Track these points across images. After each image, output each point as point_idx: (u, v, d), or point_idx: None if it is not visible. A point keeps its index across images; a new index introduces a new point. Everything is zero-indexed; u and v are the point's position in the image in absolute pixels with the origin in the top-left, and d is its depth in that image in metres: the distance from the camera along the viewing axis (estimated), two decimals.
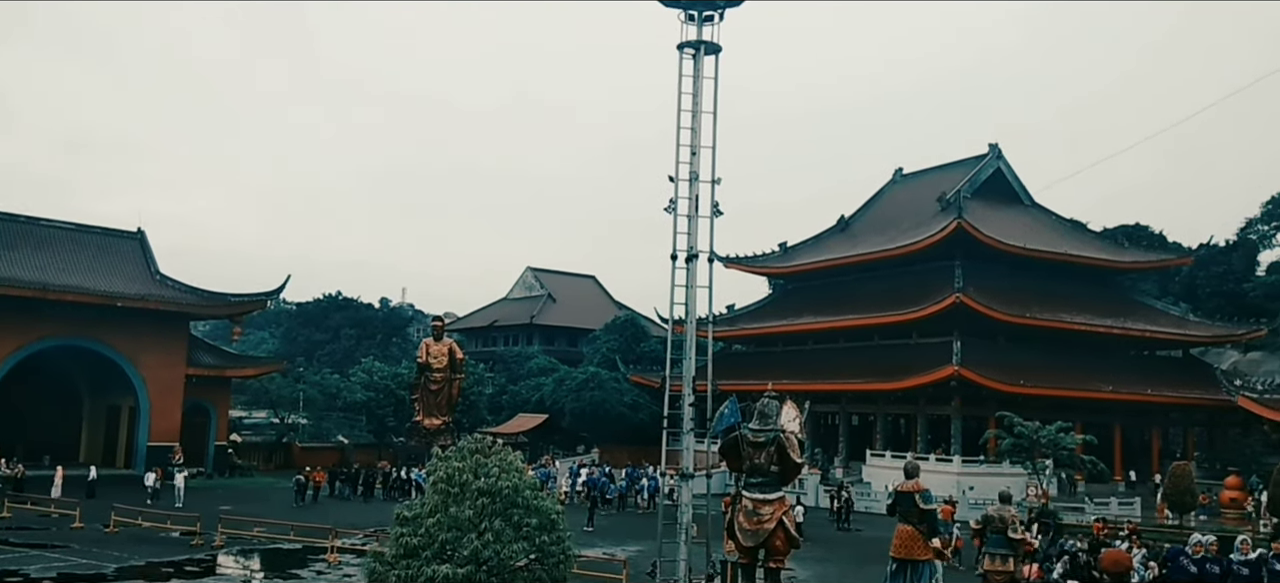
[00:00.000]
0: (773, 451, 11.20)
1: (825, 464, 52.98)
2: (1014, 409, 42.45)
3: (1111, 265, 58.48)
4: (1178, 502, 36.72)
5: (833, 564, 25.39)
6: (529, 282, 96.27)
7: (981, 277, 51.19)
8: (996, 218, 56.47)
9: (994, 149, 62.63)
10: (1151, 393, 50.83)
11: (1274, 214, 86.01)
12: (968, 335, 48.51)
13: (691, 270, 18.05)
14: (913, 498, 13.55)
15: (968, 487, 40.62)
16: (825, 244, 65.32)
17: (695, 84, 18.49)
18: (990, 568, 14.70)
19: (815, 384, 53.57)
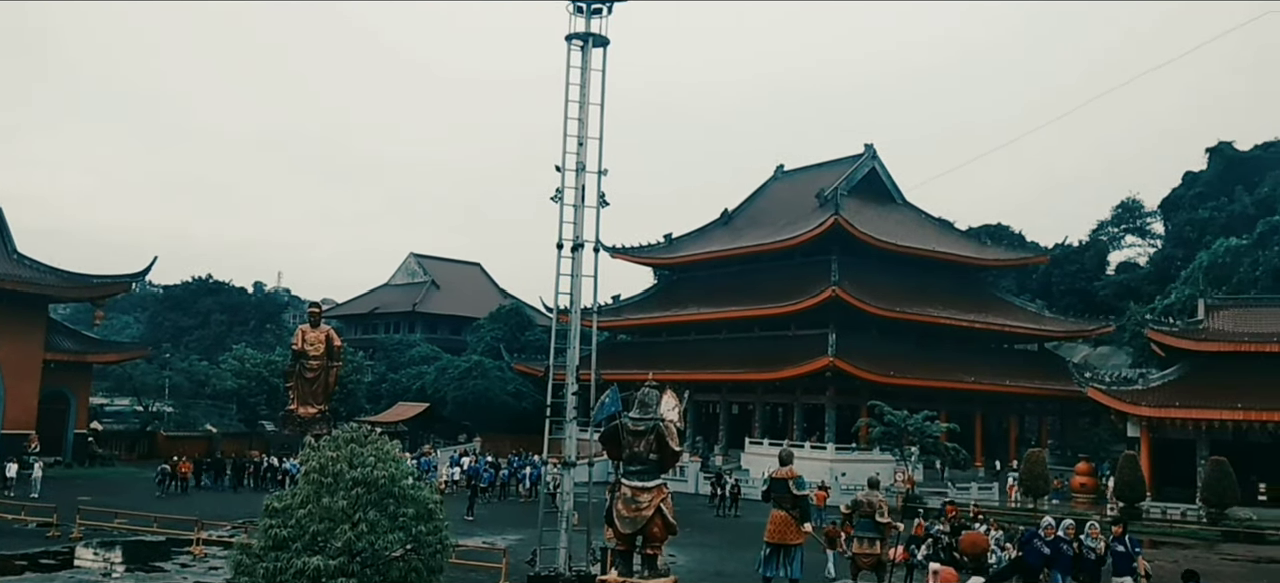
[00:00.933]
0: (652, 439, 11.46)
1: (705, 452, 53.98)
2: (885, 398, 44.26)
3: (976, 263, 61.42)
4: (1032, 487, 39.03)
5: (711, 549, 25.97)
6: (412, 268, 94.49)
7: (856, 271, 53.01)
8: (871, 215, 58.56)
9: (869, 150, 64.85)
10: (1010, 384, 53.69)
11: (1122, 218, 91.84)
12: (842, 328, 50.18)
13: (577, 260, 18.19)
14: (787, 484, 14.06)
15: (840, 473, 42.06)
16: (709, 237, 66.43)
17: (583, 76, 18.61)
18: (859, 551, 15.33)
19: (698, 374, 54.51)
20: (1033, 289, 72.68)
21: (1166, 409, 41.47)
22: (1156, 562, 23.72)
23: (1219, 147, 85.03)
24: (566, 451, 17.64)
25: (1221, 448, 39.34)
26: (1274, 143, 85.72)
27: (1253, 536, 33.97)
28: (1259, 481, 39.16)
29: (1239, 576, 25.20)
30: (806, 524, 14.23)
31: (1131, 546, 16.66)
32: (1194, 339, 43.95)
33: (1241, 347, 42.39)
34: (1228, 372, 41.78)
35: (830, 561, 18.84)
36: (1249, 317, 45.36)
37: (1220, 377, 41.74)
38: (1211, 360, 42.84)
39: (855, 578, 15.23)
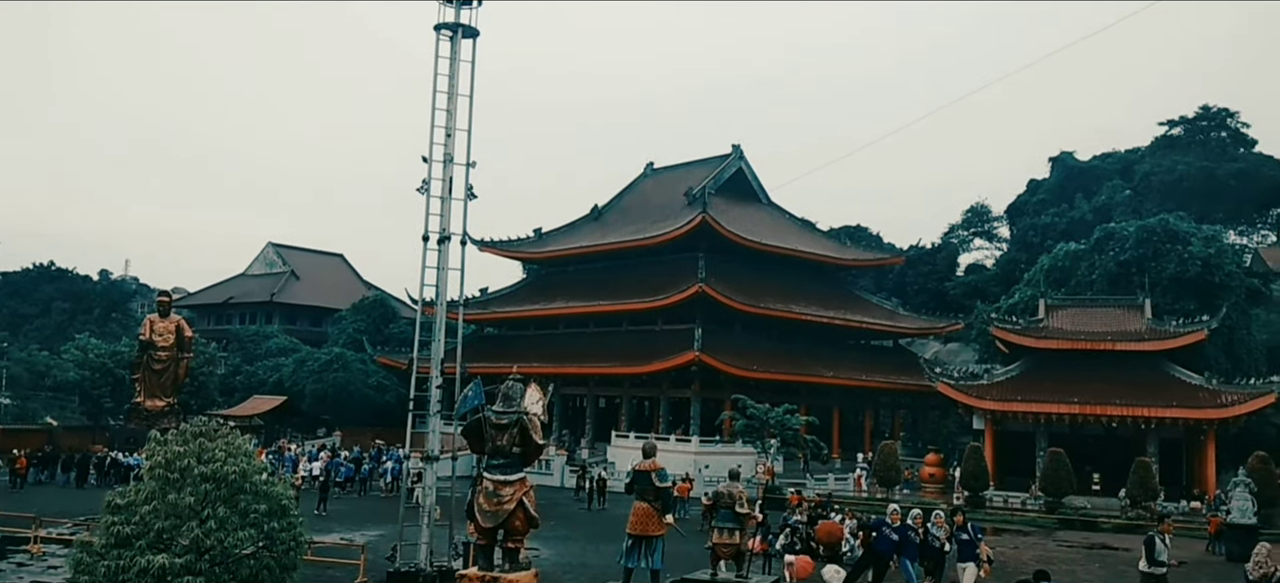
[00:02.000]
0: (516, 432, 11.40)
1: (572, 446, 54.07)
2: (748, 392, 45.30)
3: (836, 262, 63.55)
4: (885, 477, 40.73)
5: (575, 542, 26.04)
6: (270, 258, 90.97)
7: (723, 268, 54.05)
8: (737, 214, 59.81)
9: (737, 150, 66.18)
10: (867, 379, 55.80)
11: (972, 222, 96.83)
12: (709, 323, 51.09)
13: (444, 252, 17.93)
14: (650, 477, 14.22)
15: (704, 465, 42.82)
16: (579, 232, 66.48)
17: (452, 66, 18.33)
18: (718, 541, 15.60)
19: (566, 367, 54.49)
20: (889, 288, 75.71)
21: (1009, 404, 43.83)
22: (998, 548, 25.13)
23: (1061, 156, 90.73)
24: (429, 445, 17.38)
25: (1059, 440, 41.87)
26: (1110, 154, 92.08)
27: (1087, 523, 36.29)
28: (1093, 471, 41.62)
29: (1073, 561, 26.79)
30: (668, 516, 14.42)
31: (974, 533, 17.60)
32: (1035, 337, 46.63)
33: (1078, 345, 45.22)
34: (1065, 368, 44.47)
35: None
36: (1085, 317, 48.45)
37: (1058, 373, 44.40)
38: (1051, 358, 45.52)
39: (715, 568, 15.53)
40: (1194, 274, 53.03)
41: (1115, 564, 25.90)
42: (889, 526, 16.28)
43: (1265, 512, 31.83)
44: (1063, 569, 24.38)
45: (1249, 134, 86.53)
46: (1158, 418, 41.72)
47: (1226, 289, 52.82)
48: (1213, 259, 54.55)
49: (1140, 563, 16.43)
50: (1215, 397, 41.69)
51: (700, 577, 15.63)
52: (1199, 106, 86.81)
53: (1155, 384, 43.09)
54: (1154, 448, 42.15)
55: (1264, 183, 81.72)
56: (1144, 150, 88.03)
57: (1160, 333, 45.12)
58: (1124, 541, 31.38)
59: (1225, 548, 28.09)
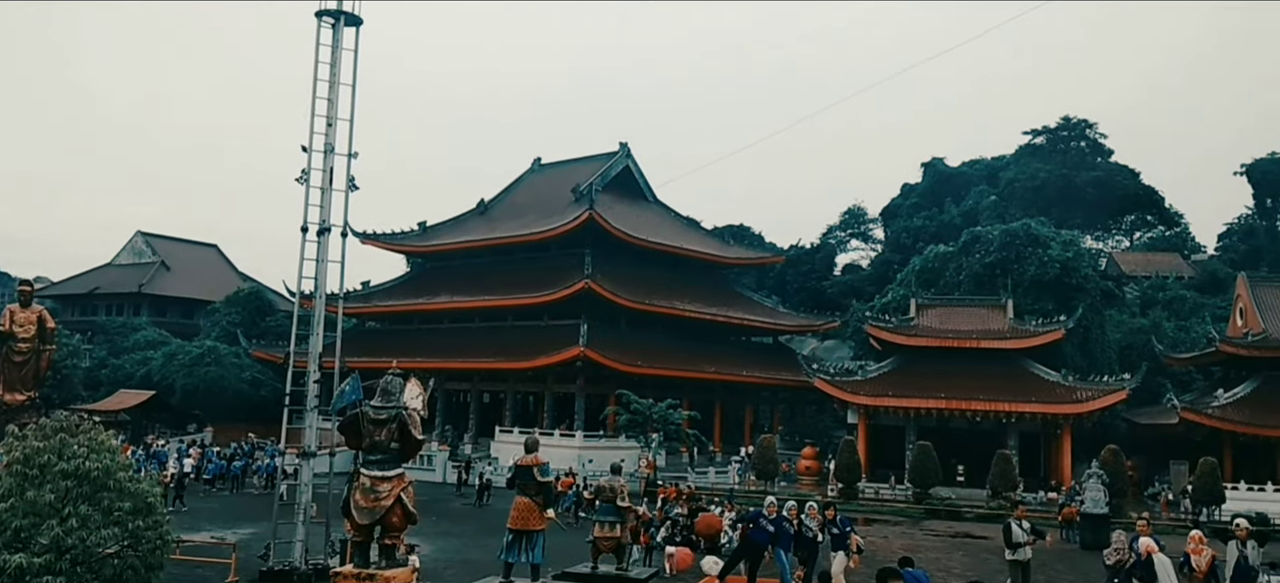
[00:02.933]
0: (394, 428, 11.31)
1: (454, 441, 53.49)
2: (632, 388, 45.69)
3: (719, 260, 64.64)
4: (763, 471, 41.76)
5: (457, 538, 25.87)
6: (139, 247, 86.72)
7: (609, 264, 54.33)
8: (624, 211, 60.20)
9: (624, 147, 66.57)
10: (747, 374, 56.94)
11: (849, 224, 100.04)
12: (594, 319, 51.29)
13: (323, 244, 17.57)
14: (531, 471, 14.29)
15: (588, 460, 43.04)
16: (465, 226, 65.72)
17: (334, 54, 17.95)
18: (599, 534, 15.80)
19: (450, 362, 53.81)
20: (770, 286, 77.51)
21: (881, 399, 45.52)
22: (868, 538, 26.16)
23: (932, 162, 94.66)
24: (306, 441, 17.02)
25: (927, 434, 43.72)
26: (978, 161, 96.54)
27: (951, 513, 38.03)
28: (958, 463, 43.56)
29: (939, 549, 28.03)
30: (549, 511, 14.53)
31: (844, 525, 18.29)
32: (906, 335, 48.55)
33: (945, 343, 47.30)
34: (934, 365, 46.44)
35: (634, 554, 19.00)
36: (953, 316, 50.69)
37: (928, 369, 46.33)
38: (920, 355, 47.47)
39: (595, 561, 15.71)
40: (1053, 276, 56.09)
41: (978, 552, 27.25)
42: (765, 517, 16.75)
43: (1115, 502, 34.04)
44: (929, 557, 25.53)
45: (1106, 144, 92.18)
46: (1018, 412, 44.00)
47: (1083, 291, 56.06)
48: (1070, 262, 57.82)
49: (1005, 552, 17.17)
50: (1071, 393, 44.24)
51: (581, 570, 15.80)
52: (1061, 117, 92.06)
53: (1016, 381, 45.44)
54: (1014, 441, 44.45)
55: (1118, 191, 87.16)
56: (1009, 158, 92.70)
57: (1021, 332, 47.61)
58: (986, 530, 33.02)
59: (1079, 536, 29.80)
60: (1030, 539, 16.91)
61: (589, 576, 15.67)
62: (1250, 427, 43.29)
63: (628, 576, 15.81)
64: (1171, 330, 59.77)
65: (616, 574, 15.74)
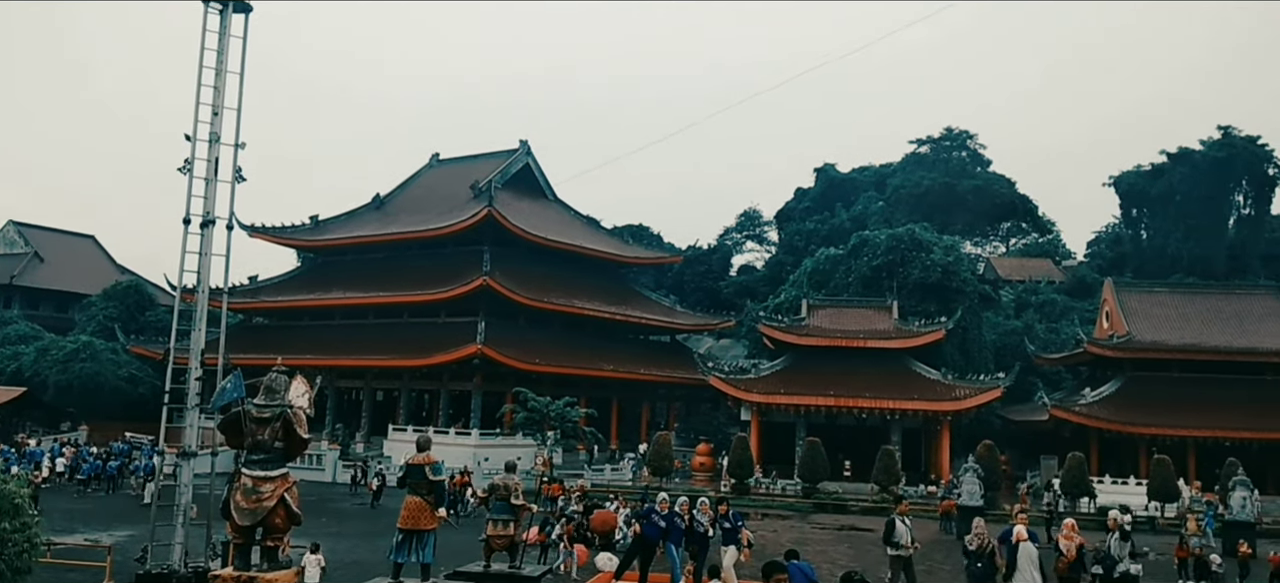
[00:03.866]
0: (278, 426, 11.06)
1: (346, 440, 52.40)
2: (530, 385, 45.61)
3: (619, 259, 65.04)
4: (658, 467, 42.24)
5: (346, 538, 25.43)
6: (10, 237, 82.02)
7: (507, 262, 54.07)
8: (524, 208, 59.98)
9: (524, 145, 66.29)
10: (645, 372, 57.46)
11: (745, 226, 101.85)
12: (492, 316, 50.96)
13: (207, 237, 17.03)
14: (423, 470, 14.14)
15: (484, 458, 42.79)
16: (360, 220, 64.38)
17: (221, 41, 17.42)
18: (492, 533, 15.74)
19: (342, 360, 52.76)
20: (668, 286, 78.33)
21: (773, 396, 46.61)
22: (759, 532, 26.79)
23: (824, 167, 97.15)
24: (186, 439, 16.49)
25: (817, 430, 44.95)
26: (867, 167, 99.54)
27: (838, 506, 39.27)
28: (845, 458, 44.91)
29: (826, 542, 28.95)
30: (441, 510, 14.41)
31: (735, 520, 18.69)
32: (797, 335, 49.81)
33: (835, 342, 48.72)
34: (824, 364, 47.79)
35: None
36: (842, 316, 52.24)
37: (818, 368, 47.65)
38: (811, 353, 48.77)
39: (488, 560, 15.67)
40: (935, 279, 58.34)
41: (862, 544, 28.23)
42: (657, 513, 16.98)
43: (990, 494, 35.65)
44: (815, 549, 26.34)
45: (985, 155, 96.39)
46: (901, 409, 45.68)
47: (962, 294, 58.47)
48: (951, 266, 60.24)
49: (887, 547, 17.80)
50: (950, 391, 46.13)
51: (473, 569, 15.73)
52: (944, 128, 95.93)
53: (900, 379, 47.13)
54: (898, 437, 46.10)
55: (996, 199, 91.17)
56: (896, 165, 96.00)
57: (905, 332, 49.41)
58: (872, 522, 34.20)
59: (956, 528, 31.12)
60: (914, 545, 17.52)
61: (482, 575, 15.60)
62: (1114, 424, 45.97)
63: (520, 574, 15.79)
64: (1043, 332, 62.88)
65: (509, 573, 15.71)
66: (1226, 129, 75.39)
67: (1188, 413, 45.52)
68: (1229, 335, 49.61)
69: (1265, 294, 54.58)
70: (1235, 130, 75.20)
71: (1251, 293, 55.19)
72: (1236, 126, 75.60)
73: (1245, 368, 48.12)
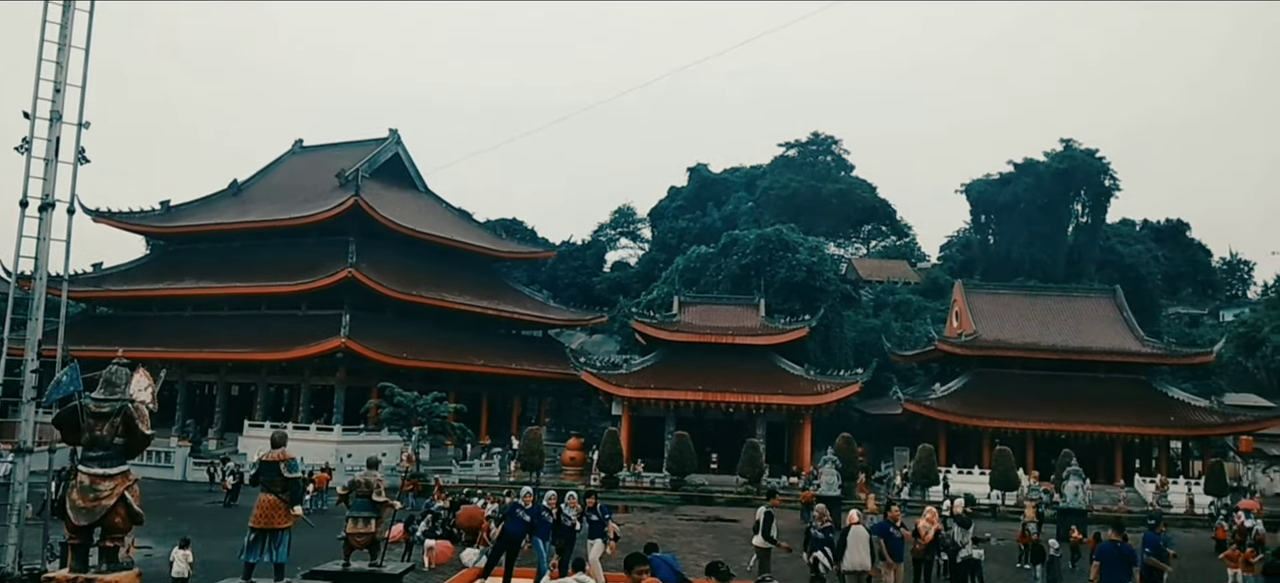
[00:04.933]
0: (118, 422, 10.52)
1: (197, 436, 50.14)
2: (397, 380, 44.69)
3: (491, 253, 64.39)
4: (528, 461, 42.13)
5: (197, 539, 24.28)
6: None
7: (374, 253, 52.80)
8: (393, 199, 58.68)
9: (394, 134, 64.80)
10: (516, 367, 57.12)
11: (619, 222, 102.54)
12: (358, 309, 49.68)
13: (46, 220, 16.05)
14: (278, 467, 13.71)
15: (347, 454, 41.74)
16: (215, 207, 61.57)
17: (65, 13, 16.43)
18: (352, 530, 15.42)
19: (195, 352, 50.54)
20: (541, 281, 78.10)
21: (644, 391, 47.15)
22: (625, 524, 27.09)
23: (697, 167, 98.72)
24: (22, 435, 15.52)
25: (686, 424, 45.78)
26: (738, 168, 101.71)
27: (705, 498, 40.05)
28: (713, 452, 45.99)
29: (691, 533, 29.46)
30: (297, 508, 13.99)
31: (603, 513, 18.86)
32: (669, 331, 50.53)
33: (704, 338, 49.64)
34: (693, 359, 48.63)
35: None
36: (712, 313, 53.27)
37: (688, 363, 48.46)
38: (682, 349, 49.56)
39: (347, 558, 15.34)
40: (800, 279, 60.23)
41: (727, 534, 28.90)
42: (522, 508, 16.96)
43: (847, 485, 37.07)
44: (681, 541, 26.81)
45: (849, 159, 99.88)
46: (766, 404, 46.98)
47: (825, 293, 60.58)
48: (816, 267, 62.33)
49: (753, 537, 17.97)
50: (812, 386, 47.71)
51: (331, 568, 15.36)
52: (811, 132, 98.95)
53: (766, 374, 48.44)
54: (763, 430, 47.40)
55: (859, 203, 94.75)
56: (765, 167, 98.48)
57: (771, 330, 50.81)
58: (736, 513, 35.08)
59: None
60: (784, 547, 17.82)
61: (341, 573, 15.24)
62: (961, 417, 48.53)
63: (381, 572, 15.51)
64: (899, 330, 65.78)
65: (370, 571, 15.41)
66: (1068, 142, 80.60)
67: (1028, 407, 48.47)
68: (1066, 335, 53.04)
69: (1099, 298, 58.60)
70: (1075, 144, 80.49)
71: (1087, 296, 59.17)
72: (1077, 140, 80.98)
73: (1080, 366, 51.55)
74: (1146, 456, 51.83)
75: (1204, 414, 49.33)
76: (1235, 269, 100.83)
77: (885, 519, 17.07)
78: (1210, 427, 49.03)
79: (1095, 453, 48.40)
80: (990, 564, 21.58)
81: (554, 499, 18.43)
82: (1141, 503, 41.59)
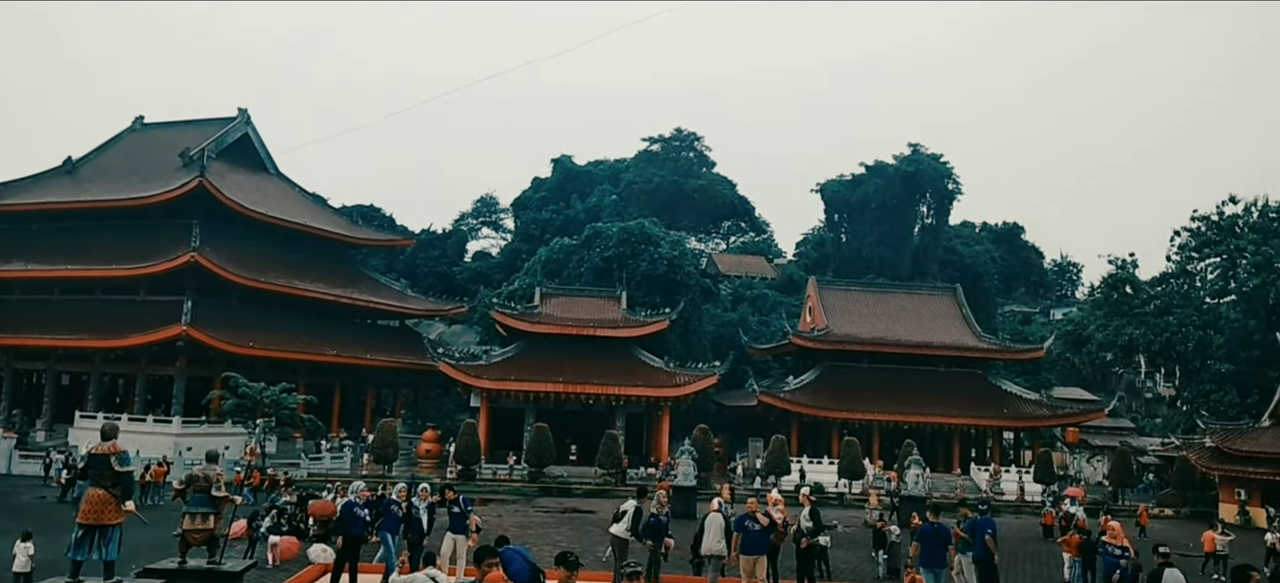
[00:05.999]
0: None
1: (24, 427, 46.81)
2: (244, 370, 42.89)
3: (346, 240, 62.45)
4: (382, 455, 41.21)
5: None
6: None
7: (221, 237, 50.48)
8: (241, 181, 56.21)
9: (243, 113, 61.99)
10: (371, 358, 55.58)
11: (482, 212, 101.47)
12: (201, 295, 47.42)
13: None
14: (108, 461, 12.98)
15: (186, 447, 39.83)
16: (46, 186, 57.40)
17: None
18: (189, 527, 14.75)
19: (21, 339, 47.40)
20: (400, 270, 76.38)
21: (504, 382, 46.80)
22: (484, 516, 26.82)
23: (561, 158, 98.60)
24: None
25: (546, 416, 45.68)
26: (602, 161, 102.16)
27: (563, 490, 40.11)
28: (572, 443, 46.05)
29: (549, 525, 29.39)
30: (129, 503, 13.27)
31: (465, 505, 18.59)
32: (530, 322, 50.27)
33: (566, 330, 49.63)
34: (555, 351, 48.58)
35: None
36: (574, 305, 53.29)
37: (548, 355, 48.36)
38: (543, 341, 49.40)
39: (184, 555, 14.65)
40: (662, 273, 61.05)
41: (583, 525, 29.00)
42: (358, 504, 16.57)
43: (702, 475, 37.82)
44: (538, 532, 26.78)
45: (711, 156, 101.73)
46: (626, 396, 47.41)
47: (686, 287, 61.60)
48: (677, 261, 63.30)
49: (612, 526, 17.69)
50: (672, 378, 48.45)
51: (165, 565, 14.64)
52: (674, 128, 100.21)
53: (626, 366, 48.89)
54: (622, 422, 47.86)
55: (719, 199, 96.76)
56: (629, 161, 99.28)
57: (632, 322, 51.31)
58: (594, 504, 35.28)
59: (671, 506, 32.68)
60: (646, 543, 17.73)
61: (176, 571, 14.54)
62: (813, 409, 50.28)
63: (220, 569, 14.88)
64: (756, 325, 67.60)
65: (207, 569, 14.75)
66: (915, 146, 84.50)
67: (875, 400, 50.64)
68: (911, 331, 55.66)
69: (942, 295, 61.75)
70: (923, 148, 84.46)
71: (931, 293, 62.26)
72: (924, 145, 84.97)
73: (923, 360, 54.23)
74: (982, 446, 55.03)
75: (1034, 407, 52.73)
76: (1065, 271, 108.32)
77: (747, 511, 17.31)
78: (1040, 419, 52.44)
79: (936, 443, 51.08)
80: (836, 550, 22.47)
81: (404, 492, 18.10)
82: (977, 490, 44.08)
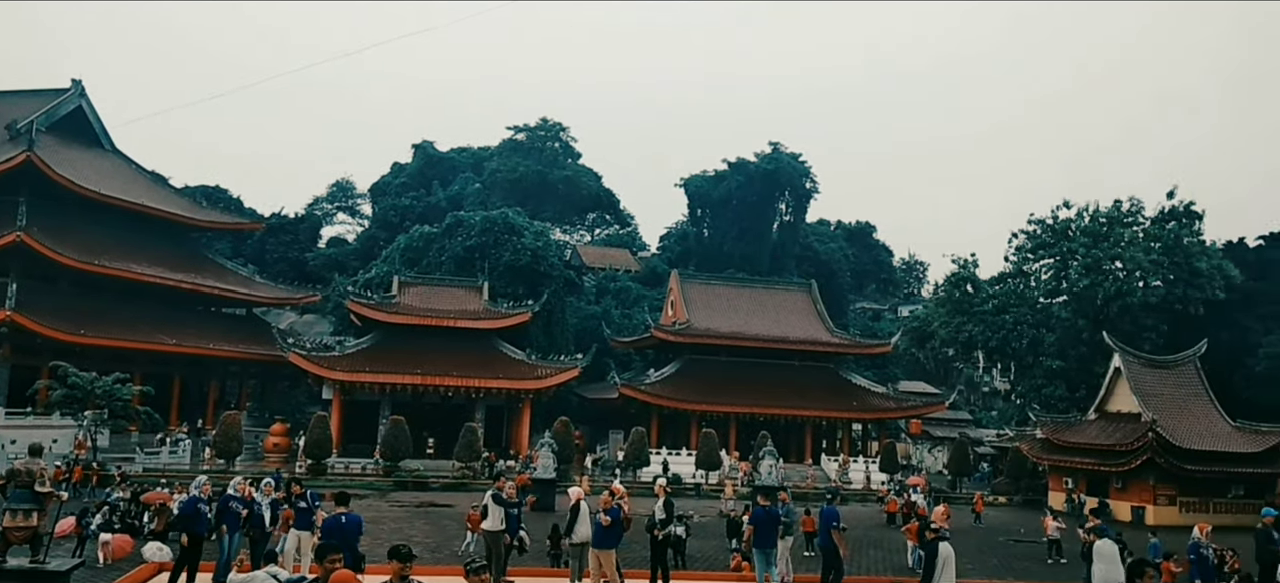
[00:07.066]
0: None
1: None
2: (74, 359, 40.31)
3: (189, 222, 59.18)
4: (225, 448, 39.37)
5: None
6: None
7: (51, 217, 47.13)
8: (74, 158, 52.59)
9: (77, 85, 57.85)
10: (214, 347, 52.89)
11: (337, 197, 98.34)
12: (27, 279, 44.18)
13: None
14: None
15: (10, 440, 36.97)
16: None
17: None
18: (10, 524, 13.77)
19: None
20: (248, 255, 73.10)
21: (358, 374, 45.47)
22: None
23: (423, 144, 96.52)
24: None
25: (402, 408, 44.62)
26: (466, 149, 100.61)
27: (419, 483, 39.32)
28: (429, 436, 45.25)
29: (403, 519, 28.73)
30: None
31: (312, 501, 17.98)
32: (387, 312, 49.02)
33: (425, 320, 48.66)
34: (413, 342, 47.54)
35: None
36: (433, 295, 52.27)
37: (406, 346, 47.29)
38: (400, 331, 48.27)
39: (4, 554, 13.63)
40: (525, 263, 60.59)
41: (439, 519, 28.49)
42: (202, 499, 15.82)
43: (563, 467, 37.80)
44: (392, 526, 26.14)
45: (576, 147, 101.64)
46: (487, 388, 46.93)
47: (549, 278, 61.33)
48: (541, 252, 62.93)
49: (485, 521, 17.24)
50: (533, 370, 48.22)
51: None
52: (540, 118, 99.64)
53: (487, 358, 48.34)
54: (482, 414, 47.33)
55: (584, 190, 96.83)
56: (494, 150, 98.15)
57: (494, 313, 50.76)
58: (451, 498, 34.72)
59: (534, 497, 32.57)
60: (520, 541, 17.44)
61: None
62: (672, 401, 51.04)
63: (44, 569, 13.90)
64: (619, 317, 68.02)
65: (30, 568, 13.77)
66: (775, 145, 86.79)
67: (733, 392, 51.82)
68: (768, 325, 57.23)
69: (798, 291, 63.75)
70: (783, 148, 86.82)
71: (787, 289, 64.18)
72: (784, 144, 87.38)
73: (779, 353, 55.85)
74: (832, 436, 57.14)
75: (882, 399, 55.11)
76: (913, 269, 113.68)
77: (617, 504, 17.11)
78: (886, 410, 54.84)
79: (789, 434, 52.69)
80: (692, 540, 22.84)
81: (244, 487, 17.43)
82: (827, 479, 45.74)
